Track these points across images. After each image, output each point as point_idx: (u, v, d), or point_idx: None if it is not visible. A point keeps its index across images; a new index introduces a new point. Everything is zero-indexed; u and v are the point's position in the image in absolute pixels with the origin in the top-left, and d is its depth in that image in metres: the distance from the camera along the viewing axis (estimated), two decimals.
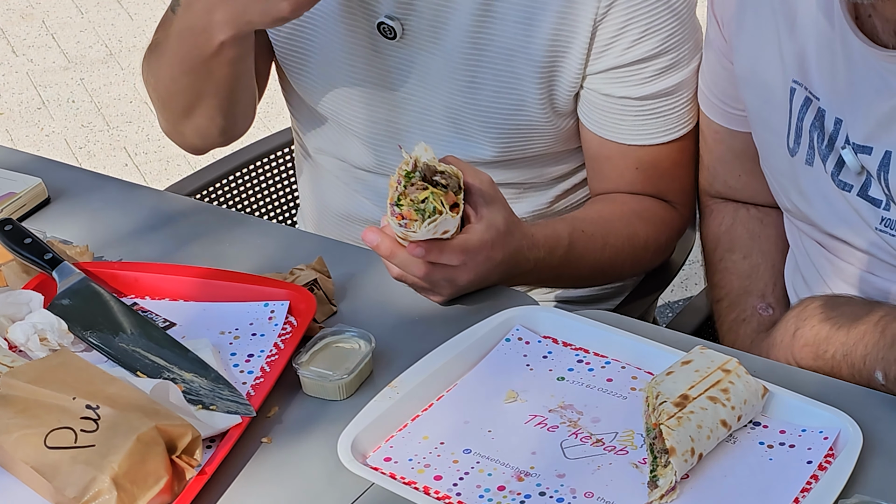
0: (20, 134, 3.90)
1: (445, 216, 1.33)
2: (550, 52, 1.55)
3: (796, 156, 1.46)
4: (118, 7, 4.60)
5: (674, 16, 1.53)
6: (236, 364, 1.32)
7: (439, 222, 1.32)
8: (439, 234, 1.34)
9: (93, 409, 1.16)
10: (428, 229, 1.32)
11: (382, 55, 1.62)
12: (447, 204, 1.33)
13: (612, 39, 1.53)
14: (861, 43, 1.35)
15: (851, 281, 1.49)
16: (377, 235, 1.37)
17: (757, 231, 1.63)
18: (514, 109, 1.60)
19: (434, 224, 1.32)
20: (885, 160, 1.37)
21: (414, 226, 1.32)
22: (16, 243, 1.44)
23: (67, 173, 1.71)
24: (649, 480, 1.16)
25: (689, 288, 3.06)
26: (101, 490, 1.10)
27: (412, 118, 1.64)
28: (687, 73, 1.58)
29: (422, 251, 1.34)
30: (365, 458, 1.20)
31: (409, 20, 1.58)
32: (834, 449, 1.19)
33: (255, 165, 2.08)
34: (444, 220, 1.33)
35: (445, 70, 1.59)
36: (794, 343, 1.41)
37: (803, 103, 1.43)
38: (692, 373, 1.22)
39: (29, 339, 1.30)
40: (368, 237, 1.37)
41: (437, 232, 1.33)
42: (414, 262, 1.36)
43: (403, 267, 1.38)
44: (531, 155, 1.66)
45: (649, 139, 1.61)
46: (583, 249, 1.55)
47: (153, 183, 3.54)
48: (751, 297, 1.59)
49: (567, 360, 1.32)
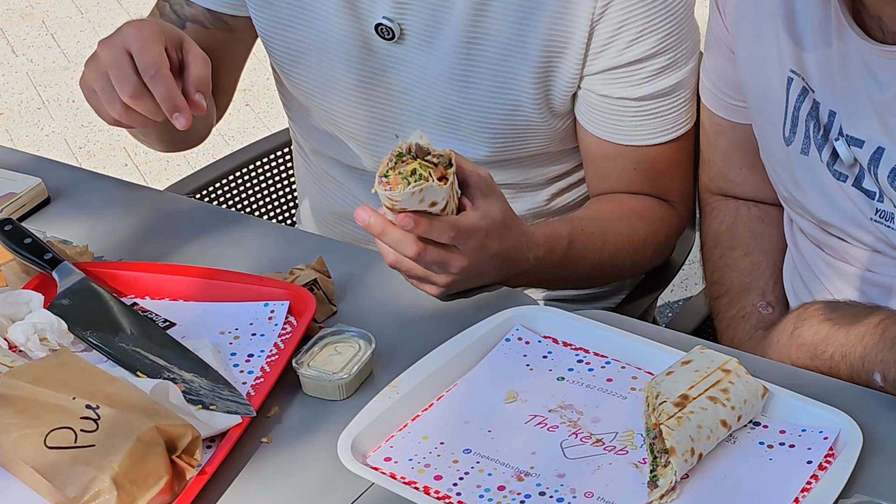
0: (20, 134, 3.90)
1: (432, 183, 1.31)
2: (547, 52, 1.55)
3: (792, 145, 1.47)
4: (118, 7, 4.60)
5: (671, 16, 1.53)
6: (236, 364, 1.32)
7: (425, 188, 1.31)
8: (427, 204, 1.32)
9: (93, 409, 1.16)
10: (413, 192, 1.30)
11: (378, 55, 1.62)
12: (435, 175, 1.33)
13: (609, 40, 1.53)
14: (856, 36, 1.36)
15: (850, 280, 1.50)
16: (368, 213, 1.35)
17: (758, 229, 1.63)
18: (510, 109, 1.60)
19: (419, 188, 1.30)
20: (877, 155, 1.38)
21: (398, 188, 1.31)
22: (16, 243, 1.44)
23: (67, 173, 1.71)
24: (649, 480, 1.16)
25: (689, 288, 3.06)
26: (101, 490, 1.10)
27: (407, 118, 1.64)
28: (684, 73, 1.58)
29: (410, 221, 1.32)
30: (365, 458, 1.20)
31: (406, 21, 1.58)
32: (834, 449, 1.19)
33: (255, 165, 2.08)
34: (429, 188, 1.31)
35: (441, 70, 1.59)
36: (791, 343, 1.41)
37: (800, 93, 1.44)
38: (692, 373, 1.22)
39: (29, 339, 1.30)
40: (360, 215, 1.35)
41: (424, 201, 1.32)
42: (405, 239, 1.35)
43: (395, 245, 1.36)
44: (526, 155, 1.66)
45: (647, 139, 1.61)
46: (582, 248, 1.55)
47: (153, 183, 3.54)
48: (751, 294, 1.59)
49: (567, 360, 1.32)
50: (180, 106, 1.42)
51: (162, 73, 1.41)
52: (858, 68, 1.37)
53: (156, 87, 1.41)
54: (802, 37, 1.42)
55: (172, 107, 1.42)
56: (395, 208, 1.32)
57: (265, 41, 1.69)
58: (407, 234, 1.34)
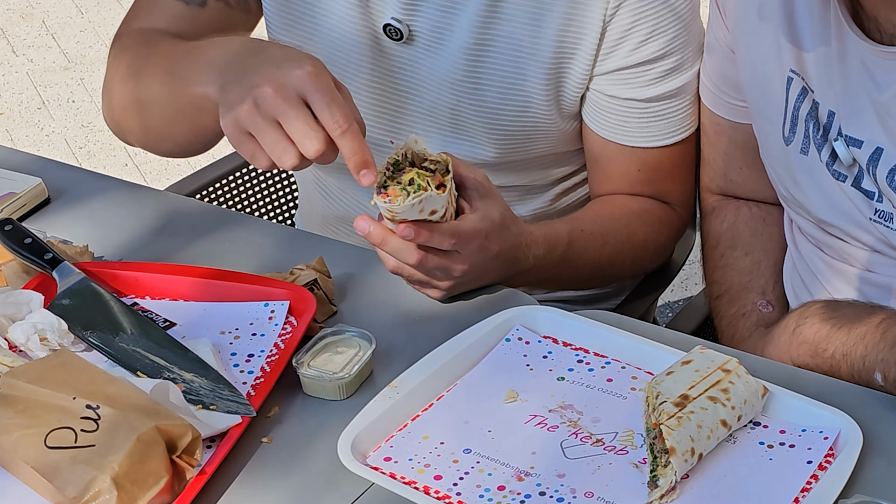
0: (20, 134, 3.90)
1: (430, 193, 1.31)
2: (558, 53, 1.55)
3: (791, 145, 1.47)
4: (118, 7, 4.60)
5: (678, 17, 1.54)
6: (236, 364, 1.32)
7: (424, 198, 1.31)
8: (426, 213, 1.33)
9: (93, 409, 1.16)
10: (413, 204, 1.30)
11: (387, 56, 1.62)
12: (433, 184, 1.33)
13: (620, 40, 1.54)
14: (855, 37, 1.36)
15: (849, 280, 1.50)
16: (368, 223, 1.34)
17: (759, 229, 1.64)
18: (520, 111, 1.60)
19: (419, 199, 1.30)
20: (875, 155, 1.38)
21: (398, 201, 1.31)
22: (16, 243, 1.44)
23: (67, 173, 1.71)
24: (649, 480, 1.16)
25: (689, 288, 3.06)
26: (101, 490, 1.10)
27: (416, 119, 1.64)
28: (690, 75, 1.59)
29: (411, 232, 1.32)
30: (365, 458, 1.20)
31: (416, 22, 1.58)
32: (834, 449, 1.19)
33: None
34: (429, 197, 1.31)
35: (450, 72, 1.59)
36: (792, 340, 1.41)
37: (800, 93, 1.44)
38: (692, 373, 1.22)
39: (29, 339, 1.30)
40: (360, 225, 1.34)
41: (423, 210, 1.32)
42: (406, 248, 1.35)
43: (396, 254, 1.36)
44: (533, 157, 1.66)
45: (652, 141, 1.61)
46: (582, 249, 1.55)
47: (153, 183, 3.54)
48: (752, 293, 1.59)
49: (567, 360, 1.32)
50: (369, 162, 1.30)
51: (353, 130, 1.29)
52: (857, 69, 1.37)
53: (344, 143, 1.29)
54: (802, 37, 1.42)
55: (362, 163, 1.29)
56: (395, 219, 1.33)
57: (273, 35, 1.68)
58: (408, 242, 1.34)
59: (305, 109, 1.29)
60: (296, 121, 1.28)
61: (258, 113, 1.29)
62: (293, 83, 1.29)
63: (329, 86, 1.30)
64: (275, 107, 1.28)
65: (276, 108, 1.28)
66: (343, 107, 1.29)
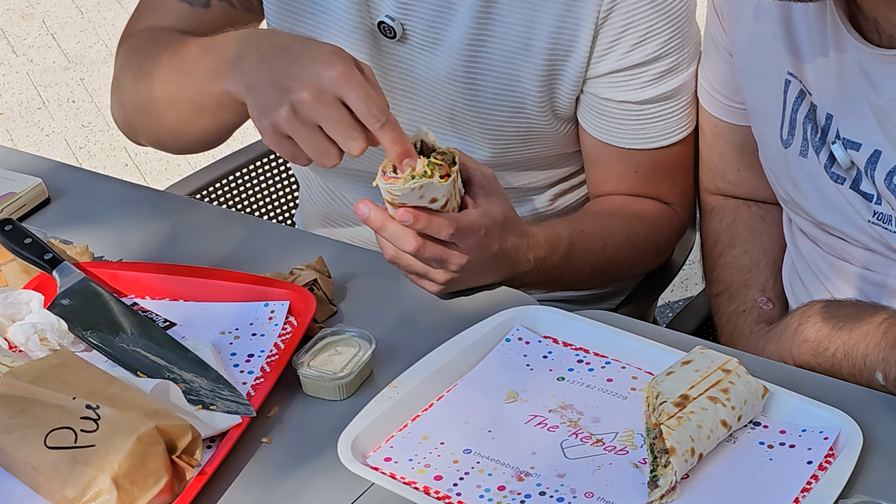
0: (20, 134, 3.90)
1: (433, 180, 1.32)
2: (551, 55, 1.55)
3: (790, 147, 1.47)
4: (118, 7, 4.60)
5: (673, 20, 1.53)
6: (236, 364, 1.32)
7: (425, 184, 1.31)
8: (426, 201, 1.33)
9: (93, 409, 1.16)
10: (413, 188, 1.31)
11: (383, 54, 1.62)
12: (439, 173, 1.33)
13: (613, 43, 1.53)
14: (853, 40, 1.36)
15: (849, 279, 1.50)
16: (369, 207, 1.35)
17: (758, 228, 1.64)
18: (514, 112, 1.60)
19: (420, 184, 1.31)
20: (874, 158, 1.38)
21: (399, 182, 1.31)
22: (16, 243, 1.44)
23: (67, 173, 1.71)
24: (649, 480, 1.16)
25: (689, 288, 3.06)
26: (101, 490, 1.10)
27: (410, 118, 1.64)
28: (686, 77, 1.58)
29: (409, 216, 1.32)
30: (365, 458, 1.20)
31: (409, 20, 1.58)
32: (834, 449, 1.19)
33: (255, 165, 2.08)
34: (430, 184, 1.32)
35: (444, 71, 1.59)
36: (794, 338, 1.41)
37: (798, 96, 1.44)
38: (692, 373, 1.22)
39: (29, 339, 1.30)
40: (360, 209, 1.35)
41: (423, 197, 1.32)
42: (405, 235, 1.35)
43: (395, 241, 1.36)
44: (529, 158, 1.66)
45: (649, 143, 1.61)
46: (583, 250, 1.55)
47: (153, 183, 3.54)
48: (751, 289, 1.60)
49: (567, 360, 1.32)
50: (410, 151, 1.32)
51: (391, 121, 1.31)
52: (855, 72, 1.37)
53: (384, 135, 1.31)
54: (799, 40, 1.42)
55: (403, 152, 1.31)
56: (395, 203, 1.33)
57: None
58: (406, 229, 1.34)
59: (344, 110, 1.31)
60: (338, 125, 1.31)
61: (297, 119, 1.32)
62: (328, 86, 1.31)
63: (361, 81, 1.31)
64: (315, 113, 1.31)
65: (316, 113, 1.31)
66: (378, 100, 1.31)
